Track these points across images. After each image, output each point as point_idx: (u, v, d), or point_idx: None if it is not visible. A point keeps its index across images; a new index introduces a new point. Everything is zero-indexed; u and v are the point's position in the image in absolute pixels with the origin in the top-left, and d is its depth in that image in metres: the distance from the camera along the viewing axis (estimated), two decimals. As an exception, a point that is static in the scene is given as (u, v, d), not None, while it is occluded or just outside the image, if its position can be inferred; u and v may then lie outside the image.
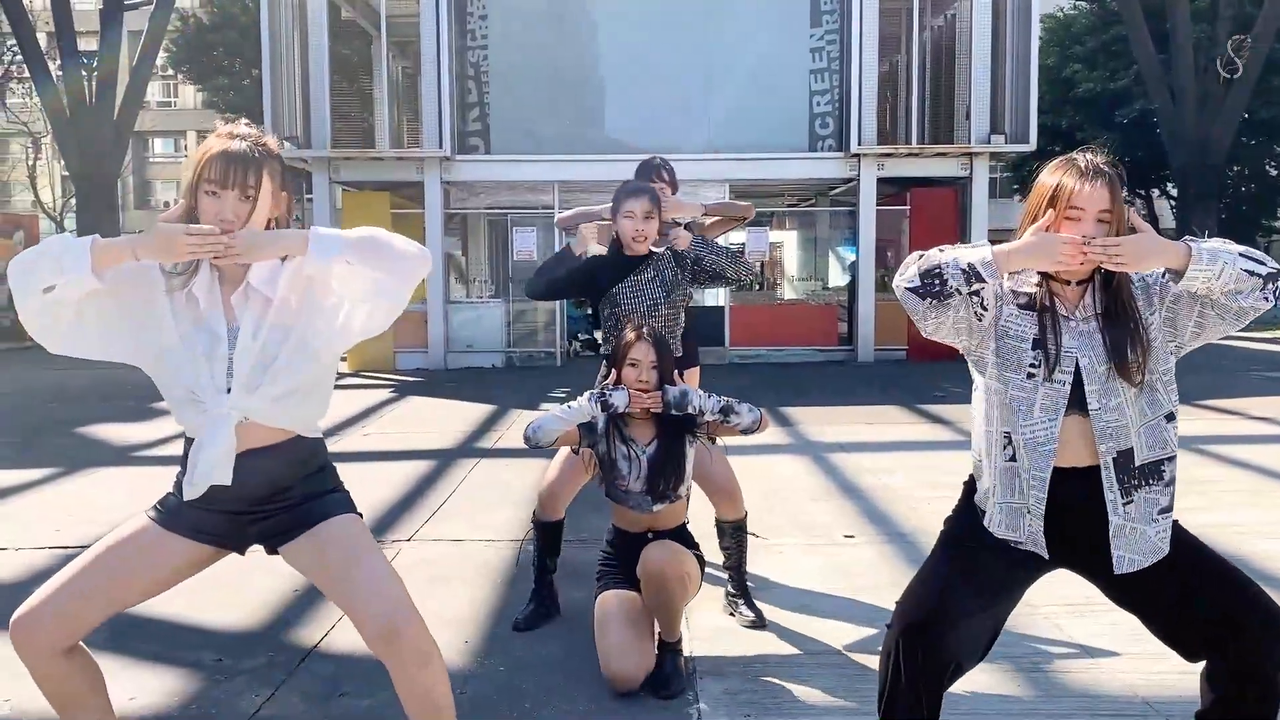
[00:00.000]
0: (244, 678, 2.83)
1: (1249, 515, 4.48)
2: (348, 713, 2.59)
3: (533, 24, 12.29)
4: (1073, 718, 2.50)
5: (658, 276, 3.13)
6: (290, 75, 12.02)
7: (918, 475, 5.43)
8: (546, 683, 2.76)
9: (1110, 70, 22.47)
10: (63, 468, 6.13)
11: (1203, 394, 8.61)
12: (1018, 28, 11.83)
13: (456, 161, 12.05)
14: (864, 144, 11.84)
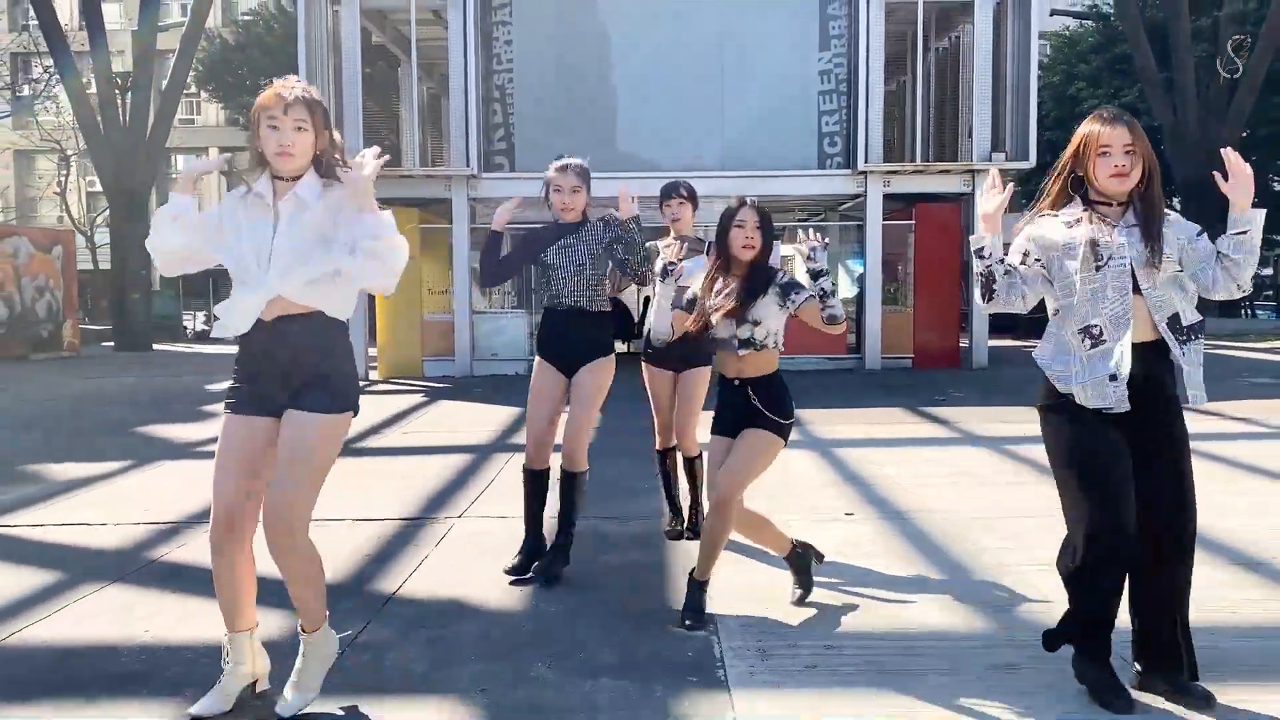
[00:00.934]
0: (338, 615, 3.39)
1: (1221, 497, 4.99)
2: (428, 640, 3.16)
3: (554, 49, 12.94)
4: (1028, 647, 3.03)
5: (584, 243, 3.72)
6: (324, 98, 12.68)
7: (915, 467, 5.97)
8: (601, 622, 3.32)
9: (1114, 87, 23.00)
10: (132, 461, 6.76)
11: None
12: (1018, 51, 12.39)
13: (482, 179, 12.68)
14: (870, 161, 12.40)
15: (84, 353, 18.87)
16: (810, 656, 2.97)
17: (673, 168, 11.85)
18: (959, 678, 2.80)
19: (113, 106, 20.69)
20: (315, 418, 2.40)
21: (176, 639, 3.23)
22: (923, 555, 4.07)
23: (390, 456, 6.88)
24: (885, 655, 2.98)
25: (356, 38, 12.48)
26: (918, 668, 2.87)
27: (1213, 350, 15.20)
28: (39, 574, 3.99)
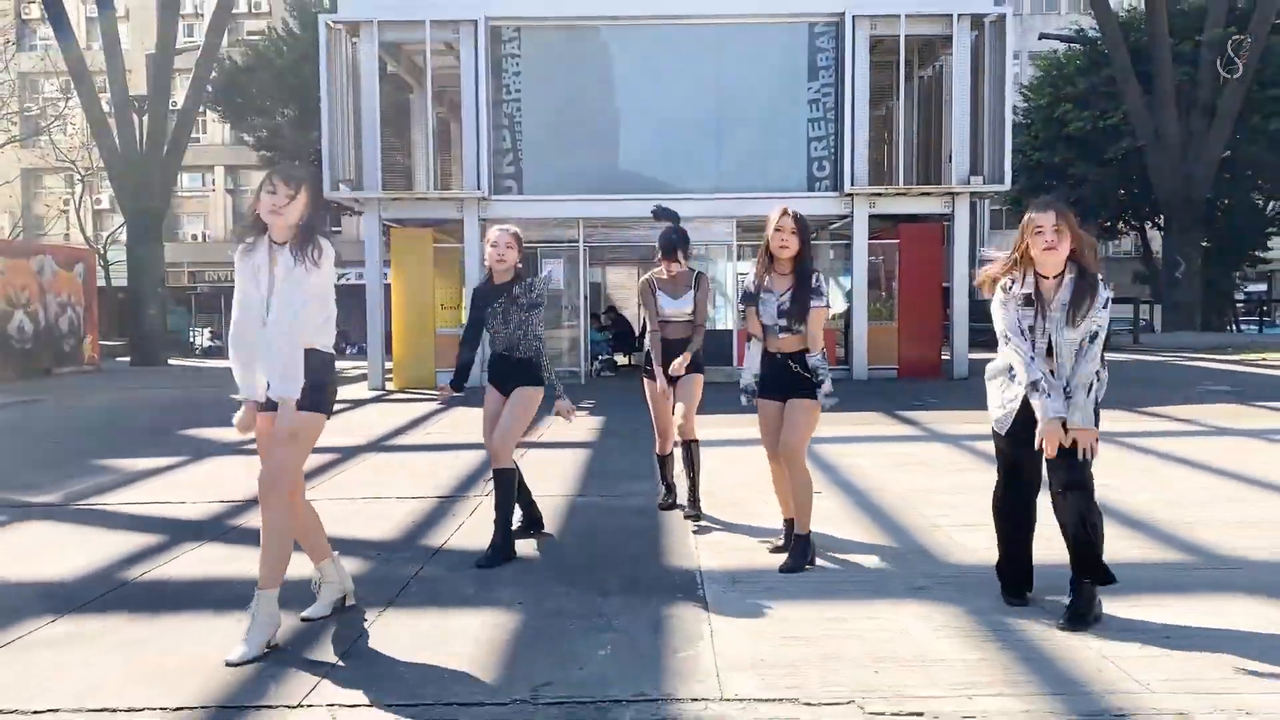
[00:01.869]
0: (397, 562, 4.33)
1: (1140, 482, 5.94)
2: (473, 576, 4.09)
3: (560, 79, 13.97)
4: (937, 575, 3.95)
5: (513, 306, 4.36)
6: (345, 126, 13.71)
7: (881, 458, 6.90)
8: (608, 563, 4.25)
9: (1100, 110, 24.00)
10: (189, 456, 7.69)
11: (1148, 402, 10.03)
12: (994, 81, 13.41)
13: (492, 201, 13.67)
14: (857, 184, 13.39)
15: (103, 367, 19.79)
16: (770, 584, 3.90)
17: (670, 191, 12.88)
18: (881, 594, 3.73)
19: (130, 129, 21.69)
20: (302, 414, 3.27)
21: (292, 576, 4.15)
22: (874, 521, 5.00)
23: (418, 452, 7.82)
24: (828, 583, 3.91)
25: (375, 70, 13.51)
26: (851, 590, 3.81)
27: (1187, 362, 16.13)
28: (147, 536, 4.92)
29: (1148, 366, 15.48)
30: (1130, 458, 6.87)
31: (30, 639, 3.40)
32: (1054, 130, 24.98)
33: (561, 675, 2.96)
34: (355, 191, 13.53)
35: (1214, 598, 3.62)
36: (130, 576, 4.19)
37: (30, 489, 6.25)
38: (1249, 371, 14.10)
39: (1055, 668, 2.98)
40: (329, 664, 3.12)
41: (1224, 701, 2.70)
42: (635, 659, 3.09)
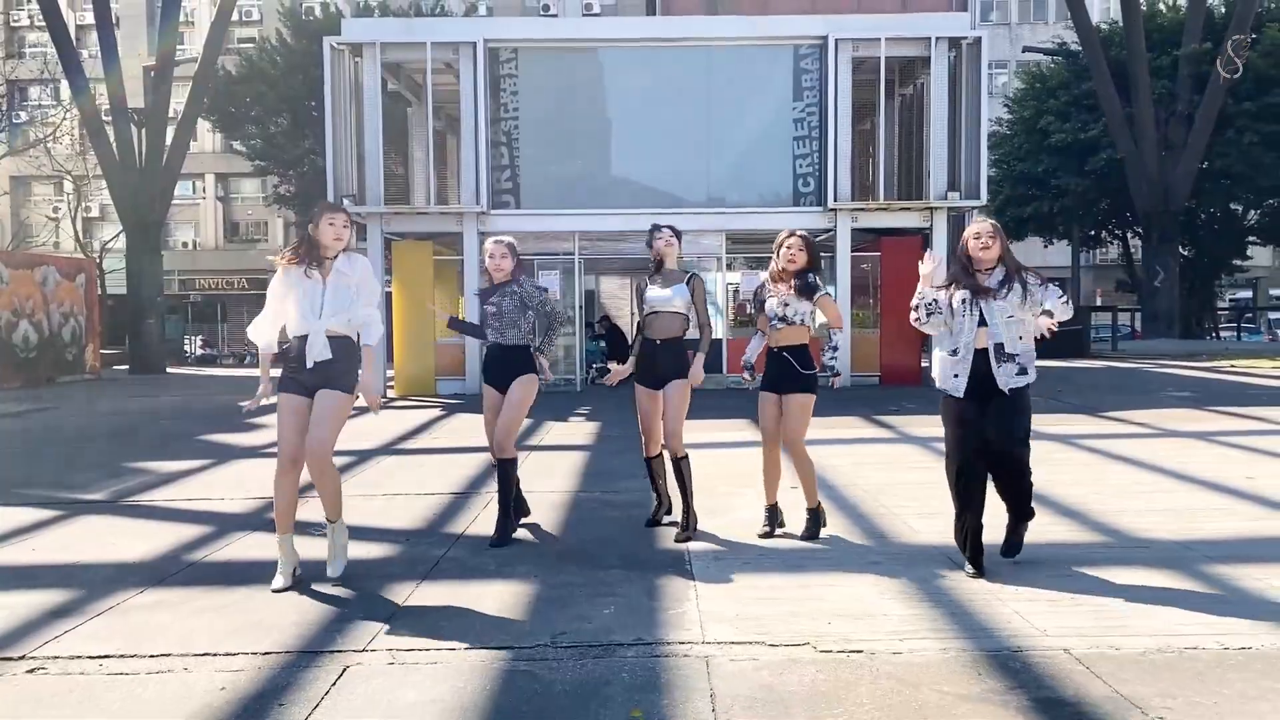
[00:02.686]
0: (425, 546, 5.06)
1: (1064, 475, 6.72)
2: (492, 556, 4.83)
3: (556, 98, 14.75)
4: (890, 552, 4.71)
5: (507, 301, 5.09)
6: (349, 142, 14.45)
7: (854, 458, 7.66)
8: (609, 546, 5.00)
9: (1082, 122, 24.97)
10: (214, 459, 8.39)
11: (1109, 407, 10.84)
12: (970, 102, 14.25)
13: (491, 215, 14.43)
14: (839, 200, 14.21)
15: (103, 376, 20.42)
16: (747, 559, 4.65)
17: (662, 205, 13.67)
18: (840, 568, 4.49)
19: (129, 141, 22.32)
20: (337, 393, 4.26)
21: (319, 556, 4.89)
22: (841, 510, 5.75)
23: (428, 455, 8.54)
24: (798, 558, 4.67)
25: (377, 89, 14.25)
26: (816, 565, 4.56)
27: (1159, 369, 16.97)
28: (199, 527, 5.65)
29: (1120, 373, 16.33)
30: (1078, 456, 7.66)
31: (127, 605, 4.13)
32: (1037, 141, 25.94)
33: (574, 627, 3.70)
34: (358, 206, 14.25)
35: (1116, 569, 4.39)
36: (195, 558, 4.91)
37: (76, 489, 6.95)
38: (1214, 378, 14.94)
39: (974, 619, 3.74)
40: (384, 618, 3.86)
41: (1100, 641, 3.46)
42: (633, 615, 3.83)
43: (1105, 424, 9.65)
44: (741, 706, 2.95)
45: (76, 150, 33.39)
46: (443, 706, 3.00)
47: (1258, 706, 2.91)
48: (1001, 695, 3.02)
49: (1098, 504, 5.81)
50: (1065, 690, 3.05)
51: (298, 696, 3.10)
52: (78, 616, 3.96)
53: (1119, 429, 9.26)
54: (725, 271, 15.30)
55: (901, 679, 3.15)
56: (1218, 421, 9.65)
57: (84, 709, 3.06)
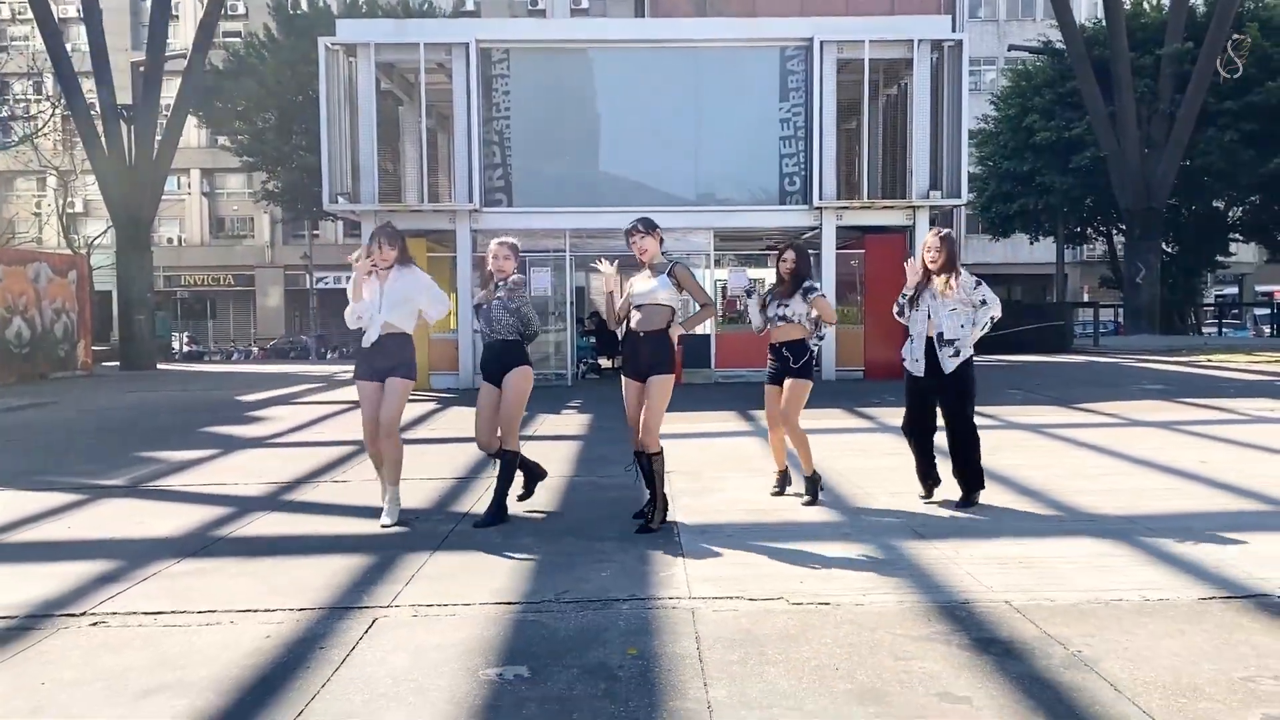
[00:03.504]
0: (434, 522, 5.56)
1: (1031, 459, 7.27)
2: (497, 530, 5.33)
3: (548, 98, 15.24)
4: (861, 527, 5.24)
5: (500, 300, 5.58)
6: (343, 141, 14.90)
7: (833, 446, 8.20)
8: (604, 521, 5.51)
9: (1066, 120, 25.60)
10: (220, 450, 8.86)
11: (1082, 399, 11.42)
12: (952, 104, 14.82)
13: (483, 213, 14.91)
14: (825, 198, 14.75)
15: (94, 372, 20.78)
16: (730, 534, 5.18)
17: (652, 203, 14.17)
18: (816, 538, 5.02)
19: (118, 138, 22.65)
20: (401, 380, 5.47)
21: (338, 532, 5.39)
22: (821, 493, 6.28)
23: (428, 444, 9.03)
24: (776, 534, 5.19)
25: (372, 89, 14.70)
26: (791, 538, 5.09)
27: (1137, 363, 17.59)
28: (219, 508, 6.12)
29: (1098, 368, 16.95)
30: (1045, 443, 8.22)
31: (167, 572, 4.61)
32: (1022, 139, 26.57)
33: (575, 587, 4.21)
34: (353, 204, 14.70)
35: (1063, 539, 4.94)
36: (221, 534, 5.40)
37: (95, 475, 7.41)
38: (1189, 371, 15.57)
39: (930, 579, 4.27)
40: (406, 579, 4.36)
41: (1037, 595, 4.00)
42: (628, 577, 4.35)
43: (1075, 414, 10.22)
44: (723, 645, 3.47)
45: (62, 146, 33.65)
46: (464, 648, 3.51)
47: (1165, 644, 3.45)
48: (946, 637, 3.55)
49: (1055, 484, 6.36)
50: (1000, 632, 3.58)
51: (335, 641, 3.60)
52: (125, 581, 4.45)
53: (1087, 419, 9.83)
54: (713, 268, 15.82)
55: (861, 624, 3.68)
56: (1184, 412, 10.23)
57: (149, 652, 3.55)
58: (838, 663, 3.30)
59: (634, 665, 3.30)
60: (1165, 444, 8.05)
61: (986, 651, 3.39)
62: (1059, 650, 3.38)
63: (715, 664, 3.30)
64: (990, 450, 7.77)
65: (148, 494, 6.68)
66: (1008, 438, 8.61)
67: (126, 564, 4.75)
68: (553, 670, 3.28)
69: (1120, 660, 3.28)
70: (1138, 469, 6.98)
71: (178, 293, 43.35)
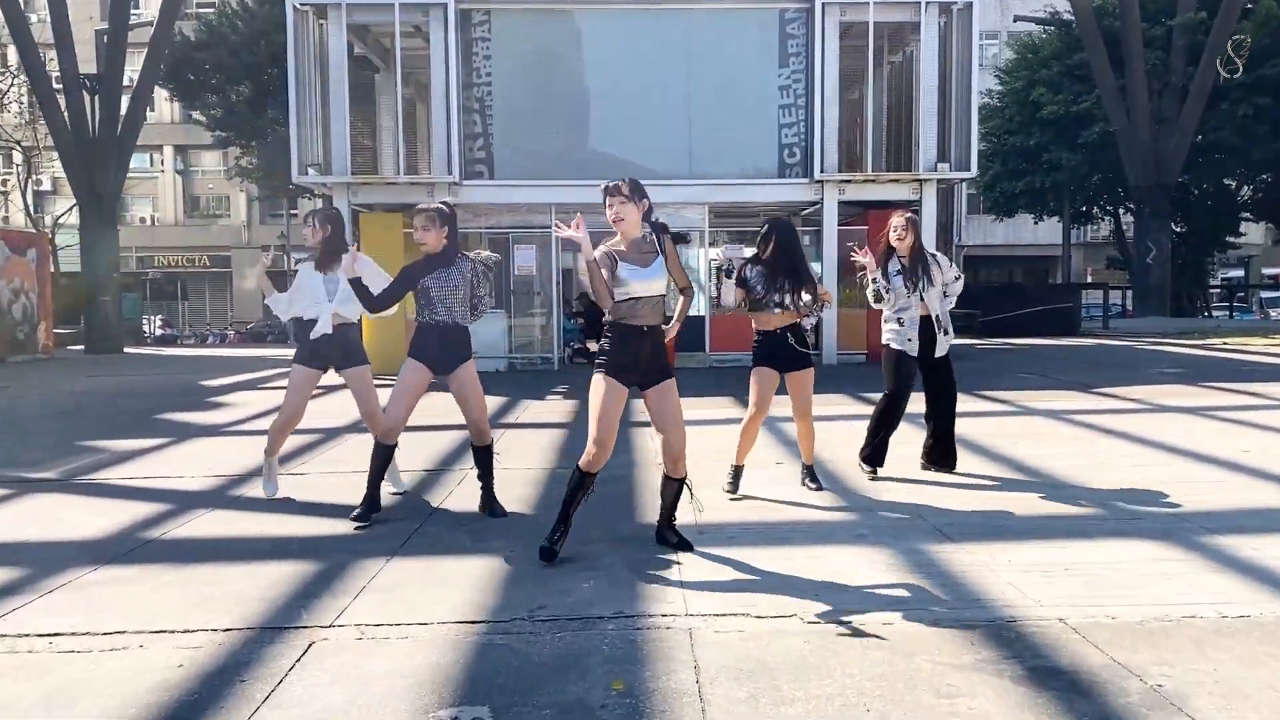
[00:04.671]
0: (397, 520, 4.99)
1: (1060, 449, 6.75)
2: (467, 532, 4.77)
3: (531, 64, 14.58)
4: (876, 525, 4.70)
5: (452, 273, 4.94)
6: (312, 108, 14.21)
7: (837, 434, 7.65)
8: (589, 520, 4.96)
9: (1074, 93, 25.02)
10: (173, 438, 8.26)
11: (1101, 384, 10.92)
12: (960, 71, 14.23)
13: (463, 186, 14.27)
14: (826, 171, 14.16)
15: (56, 355, 20.09)
16: (731, 534, 4.63)
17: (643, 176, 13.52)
18: (826, 541, 4.48)
19: (82, 110, 21.88)
20: (365, 367, 5.59)
21: (283, 533, 4.82)
22: (827, 483, 5.74)
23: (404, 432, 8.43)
24: (783, 532, 4.65)
25: (343, 52, 14.02)
26: (801, 538, 4.55)
27: (1151, 346, 17.13)
28: (156, 505, 5.54)
29: (1111, 351, 16.47)
30: (1069, 431, 7.70)
31: (80, 582, 4.04)
32: (1029, 113, 25.99)
33: (553, 601, 3.66)
34: (323, 176, 14.04)
35: (1110, 541, 4.41)
36: (152, 536, 4.82)
37: (26, 466, 6.81)
38: (1206, 355, 15.10)
39: (967, 590, 3.74)
40: (355, 591, 3.80)
41: (1095, 611, 3.47)
42: (614, 588, 3.80)
43: (1096, 399, 9.72)
44: (728, 678, 2.93)
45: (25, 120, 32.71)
46: (415, 680, 2.95)
47: (1257, 674, 2.93)
48: (995, 666, 3.01)
49: (1087, 476, 5.84)
50: (1060, 659, 3.05)
51: (260, 672, 3.04)
52: (27, 594, 3.88)
53: (1110, 404, 9.33)
54: (708, 246, 15.23)
55: (893, 649, 3.14)
56: (1211, 397, 9.73)
57: (37, 685, 2.98)
58: (869, 701, 2.76)
59: (620, 705, 2.75)
60: (1196, 430, 7.54)
61: (1047, 686, 2.85)
62: (1135, 684, 2.85)
63: (719, 703, 2.75)
64: (1011, 438, 7.26)
65: (79, 489, 6.09)
66: (1027, 425, 8.09)
67: (34, 572, 4.18)
68: (520, 712, 2.73)
69: (1212, 697, 2.75)
70: (1175, 459, 6.46)
71: (149, 274, 42.44)
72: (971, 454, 6.58)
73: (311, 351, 5.45)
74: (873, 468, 5.93)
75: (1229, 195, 27.92)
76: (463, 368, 5.09)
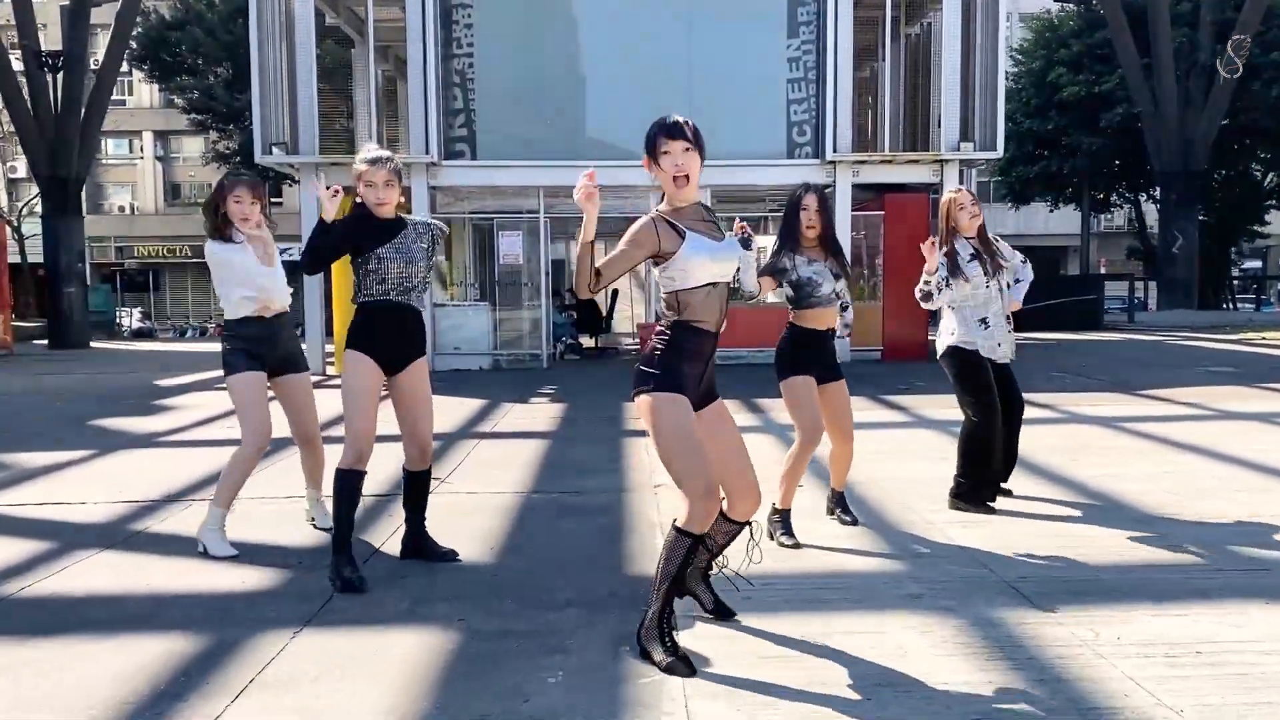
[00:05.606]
0: (320, 571, 4.00)
1: (1127, 468, 5.78)
2: (407, 589, 3.79)
3: (518, 32, 13.54)
4: (932, 582, 3.73)
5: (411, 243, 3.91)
6: (278, 82, 13.18)
7: (865, 446, 6.64)
8: (563, 572, 3.97)
9: (1095, 74, 23.99)
10: (95, 450, 7.28)
11: (1148, 385, 9.95)
12: (986, 41, 13.20)
13: (443, 167, 13.25)
14: (839, 151, 13.15)
15: (16, 350, 19.08)
16: (748, 592, 3.63)
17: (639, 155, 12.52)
18: (869, 604, 3.49)
19: (43, 88, 20.86)
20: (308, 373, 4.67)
21: (174, 589, 3.83)
22: (860, 518, 4.76)
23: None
24: (810, 591, 3.67)
25: (311, 21, 12.99)
26: (836, 599, 3.57)
27: (1185, 342, 16.18)
28: (33, 543, 4.55)
29: (1144, 347, 15.51)
30: (1130, 443, 6.73)
31: (-125, 671, 3.05)
32: (1046, 96, 24.97)
33: (501, 709, 2.68)
34: (290, 156, 13.03)
35: (1244, 606, 3.43)
36: (8, 592, 3.83)
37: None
38: (1250, 351, 14.14)
39: (1072, 687, 2.76)
40: (237, 688, 2.82)
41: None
42: (589, 685, 2.82)
43: (1149, 404, 8.75)
44: None
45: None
46: None
47: None
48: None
49: (1178, 506, 4.86)
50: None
51: None
52: None
53: (1167, 409, 8.35)
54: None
55: (994, 807, 2.16)
56: (1275, 400, 8.76)
57: None
58: None
59: None
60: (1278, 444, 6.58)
61: None
62: None
63: None
64: (1067, 453, 6.29)
65: (-47, 519, 5.10)
66: (1079, 436, 7.11)
67: None
68: None
69: None
70: (1269, 481, 5.48)
71: (126, 264, 41.39)
72: (1026, 474, 5.61)
73: (250, 349, 4.33)
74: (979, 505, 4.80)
75: (1254, 182, 26.91)
76: (417, 366, 4.04)
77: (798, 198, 4.38)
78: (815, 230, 4.33)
